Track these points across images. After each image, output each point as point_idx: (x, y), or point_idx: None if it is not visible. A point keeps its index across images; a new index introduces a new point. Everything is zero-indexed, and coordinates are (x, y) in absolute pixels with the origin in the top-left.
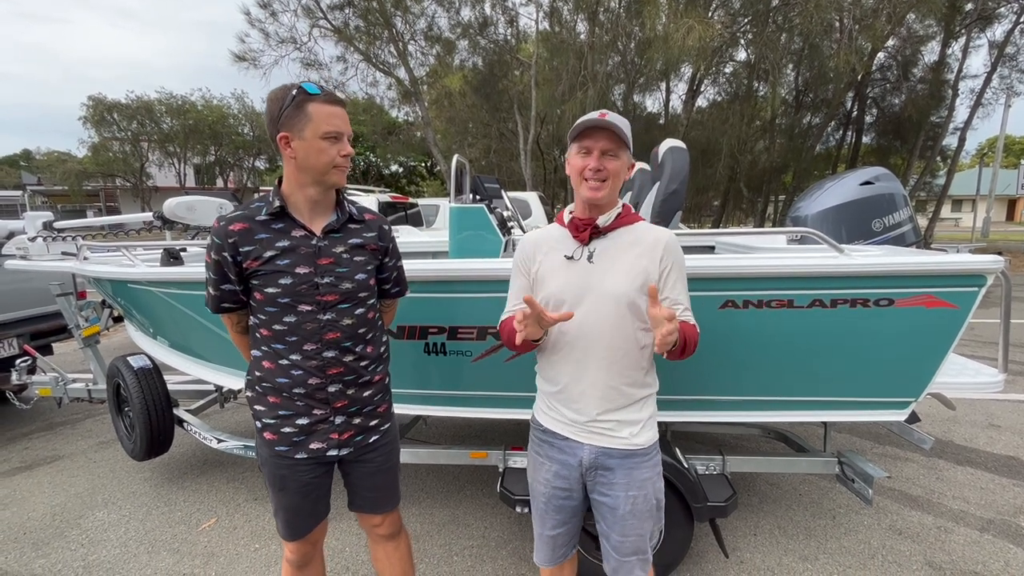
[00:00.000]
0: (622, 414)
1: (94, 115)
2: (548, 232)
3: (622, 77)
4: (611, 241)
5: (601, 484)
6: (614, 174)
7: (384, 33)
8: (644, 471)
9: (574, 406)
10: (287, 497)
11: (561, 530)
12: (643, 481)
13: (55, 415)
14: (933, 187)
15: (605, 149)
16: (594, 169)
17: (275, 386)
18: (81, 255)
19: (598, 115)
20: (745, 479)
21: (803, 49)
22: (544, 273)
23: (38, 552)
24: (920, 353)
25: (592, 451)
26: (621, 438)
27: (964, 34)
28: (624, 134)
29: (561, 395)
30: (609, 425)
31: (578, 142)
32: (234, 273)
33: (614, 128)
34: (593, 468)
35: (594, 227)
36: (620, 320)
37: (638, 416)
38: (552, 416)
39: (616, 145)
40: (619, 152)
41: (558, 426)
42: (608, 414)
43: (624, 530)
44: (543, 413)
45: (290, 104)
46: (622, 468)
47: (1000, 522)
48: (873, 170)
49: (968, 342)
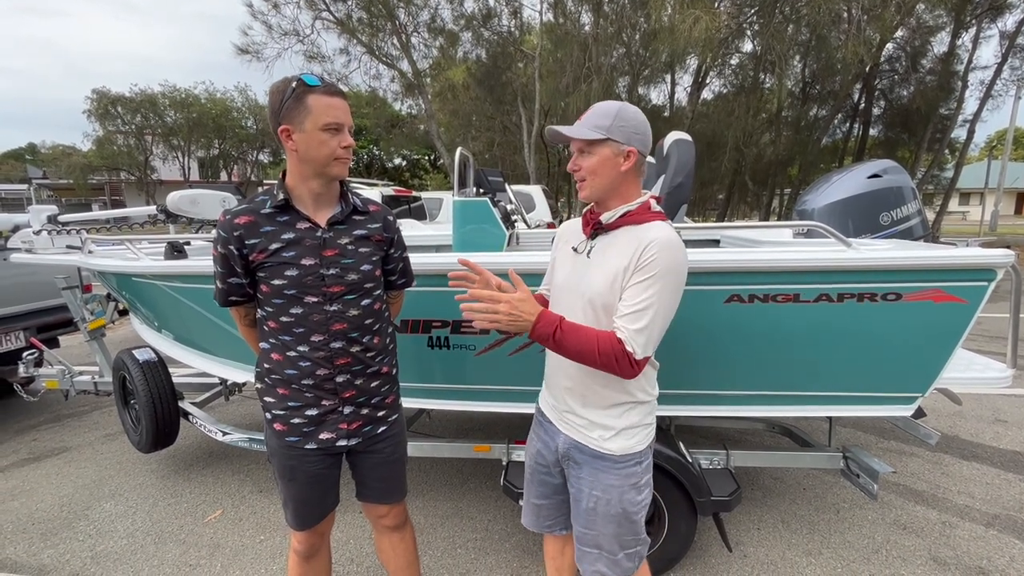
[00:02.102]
0: (595, 415)
1: (98, 109)
2: (576, 223)
3: (627, 69)
4: (611, 239)
5: (572, 475)
6: (591, 171)
7: (387, 25)
8: (611, 477)
9: (554, 392)
10: (296, 487)
11: (545, 502)
12: (608, 487)
13: (62, 407)
14: (941, 180)
15: (579, 148)
16: (571, 168)
17: (284, 378)
18: (86, 248)
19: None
20: (749, 473)
21: (810, 40)
22: (556, 261)
23: (46, 542)
24: (928, 348)
25: (566, 441)
26: (591, 437)
27: (974, 24)
28: (596, 128)
29: (548, 380)
30: (582, 422)
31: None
32: (240, 266)
33: (571, 135)
34: (566, 457)
35: (597, 223)
36: (595, 320)
37: (613, 422)
38: (544, 398)
39: (585, 143)
40: (592, 148)
41: (546, 408)
42: (581, 409)
43: (586, 524)
44: (541, 394)
45: (290, 96)
46: (589, 466)
47: (1005, 517)
48: (881, 163)
49: (976, 337)
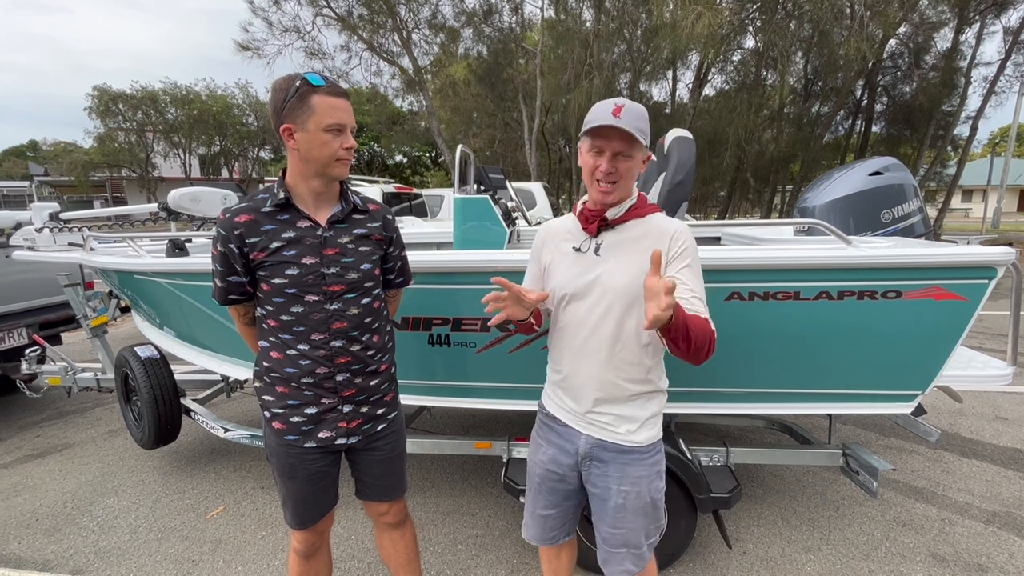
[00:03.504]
0: (621, 408)
1: (99, 105)
2: (563, 222)
3: (628, 65)
4: (620, 234)
5: (594, 475)
6: (626, 175)
7: (388, 22)
8: (639, 469)
9: (574, 395)
10: (296, 486)
11: (552, 511)
12: (637, 479)
13: (65, 404)
14: (943, 177)
15: (617, 151)
16: (605, 172)
17: (283, 376)
18: (88, 246)
19: (612, 109)
20: (749, 470)
21: (813, 36)
22: (553, 263)
23: (50, 538)
24: (928, 346)
25: (588, 441)
26: (618, 433)
27: (978, 20)
28: (640, 132)
29: (563, 383)
30: (607, 418)
31: (590, 138)
32: (240, 265)
33: (628, 130)
34: (588, 458)
35: (603, 219)
36: (623, 314)
37: (638, 413)
38: (555, 402)
39: (629, 146)
40: (633, 152)
41: (560, 412)
42: (605, 406)
43: (614, 523)
44: (548, 398)
45: (293, 95)
46: (616, 463)
47: (1005, 514)
48: (882, 160)
49: (976, 334)
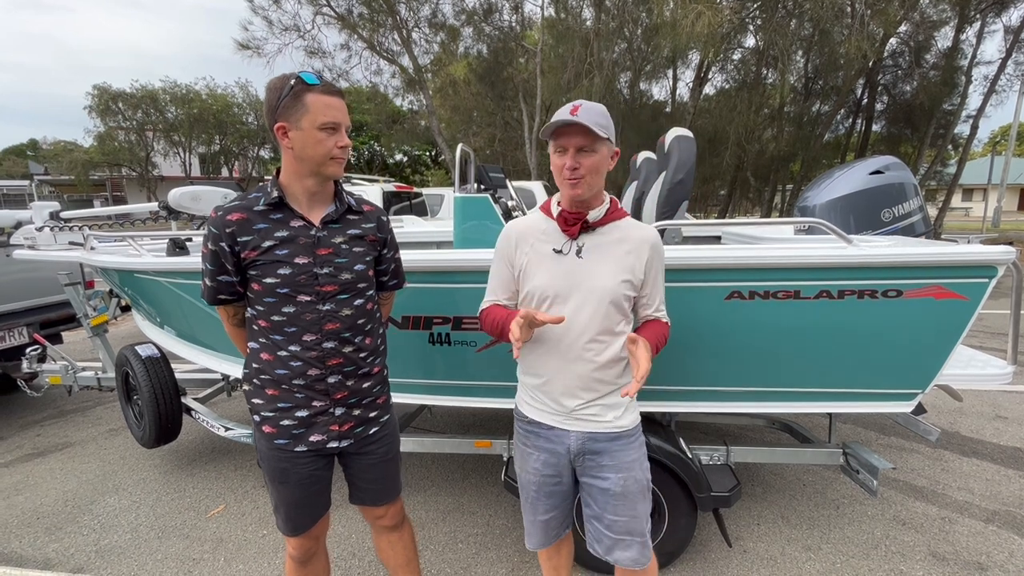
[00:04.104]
0: (606, 400)
1: (99, 104)
2: (533, 223)
3: (628, 64)
4: (600, 237)
5: (591, 468)
6: (591, 170)
7: (388, 20)
8: (630, 452)
9: (559, 397)
10: (288, 491)
11: (553, 514)
12: (631, 462)
13: (66, 403)
14: (944, 176)
15: (579, 146)
16: (570, 168)
17: (274, 378)
18: (88, 245)
19: (571, 110)
20: (749, 469)
21: (813, 35)
22: (530, 266)
23: (51, 537)
24: (928, 345)
25: (579, 437)
26: (606, 422)
27: (979, 19)
28: (599, 126)
29: (546, 386)
30: (594, 410)
31: (553, 140)
32: (232, 264)
33: (585, 124)
34: (581, 453)
35: (584, 222)
36: (606, 315)
37: (621, 400)
38: (536, 407)
39: (590, 140)
40: (595, 146)
41: (544, 416)
42: (592, 402)
43: (616, 510)
44: (527, 404)
45: (288, 94)
46: (609, 451)
47: (1005, 513)
48: (883, 159)
49: (977, 333)
